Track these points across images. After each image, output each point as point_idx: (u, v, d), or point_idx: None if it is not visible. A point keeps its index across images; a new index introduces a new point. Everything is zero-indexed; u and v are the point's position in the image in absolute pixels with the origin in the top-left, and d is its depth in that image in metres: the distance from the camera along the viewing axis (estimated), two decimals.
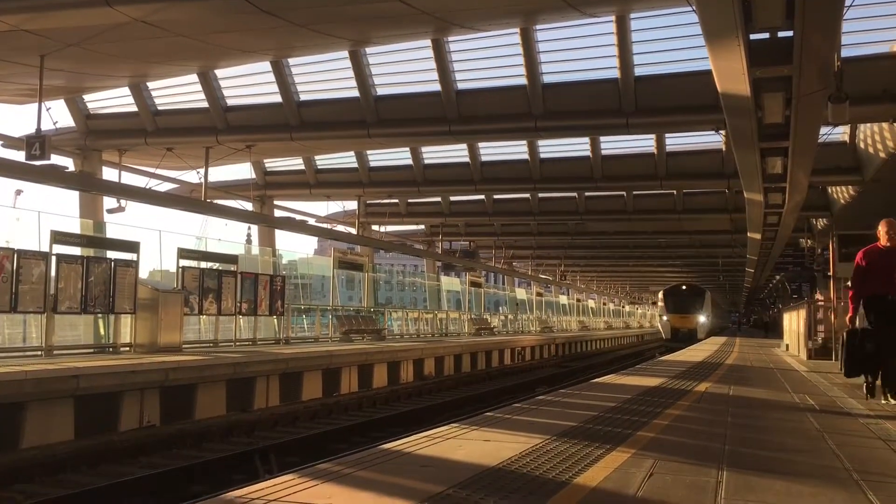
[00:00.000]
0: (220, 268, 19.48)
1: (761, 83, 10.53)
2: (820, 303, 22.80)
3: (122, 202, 20.20)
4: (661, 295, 54.26)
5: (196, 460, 10.46)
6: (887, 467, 5.72)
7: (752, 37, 9.20)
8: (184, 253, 18.37)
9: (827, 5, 8.26)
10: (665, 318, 51.56)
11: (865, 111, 15.65)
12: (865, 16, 15.67)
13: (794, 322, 26.15)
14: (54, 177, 17.08)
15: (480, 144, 25.39)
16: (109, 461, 10.56)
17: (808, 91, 10.52)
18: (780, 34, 9.32)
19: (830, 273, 22.57)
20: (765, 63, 9.79)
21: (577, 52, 19.19)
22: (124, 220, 20.15)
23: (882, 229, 9.09)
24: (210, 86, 20.66)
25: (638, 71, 18.15)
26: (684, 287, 52.96)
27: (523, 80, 18.76)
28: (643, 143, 24.27)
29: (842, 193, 25.57)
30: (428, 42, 18.40)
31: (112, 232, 18.77)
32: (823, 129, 15.09)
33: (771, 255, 33.75)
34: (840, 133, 21.11)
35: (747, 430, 7.39)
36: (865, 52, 16.40)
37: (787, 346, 26.67)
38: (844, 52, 12.88)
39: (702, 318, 50.51)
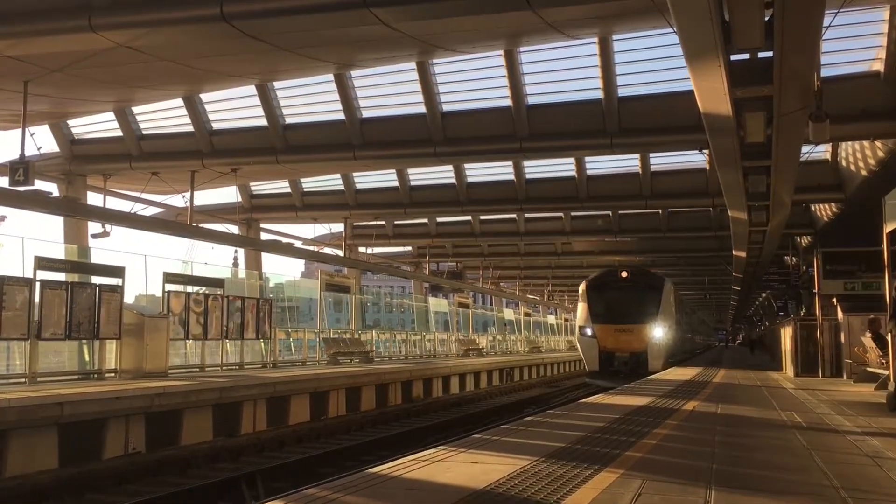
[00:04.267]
0: (207, 292, 19.36)
1: (742, 103, 10.64)
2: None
3: (107, 227, 20.09)
4: (582, 290, 28.37)
5: (182, 487, 10.34)
6: (875, 484, 5.72)
7: (733, 57, 9.31)
8: (169, 277, 18.25)
9: (805, 26, 8.37)
10: (589, 331, 27.06)
11: (846, 130, 15.80)
12: (844, 36, 15.89)
13: (782, 339, 26.08)
14: (38, 202, 17.00)
15: (466, 166, 25.49)
16: (94, 490, 10.43)
17: (789, 110, 10.64)
18: (760, 55, 9.45)
19: (816, 290, 22.70)
20: (745, 83, 9.91)
21: (561, 73, 19.38)
22: (109, 245, 20.07)
23: None
24: (195, 110, 20.66)
25: (621, 92, 18.32)
26: (624, 274, 28.07)
27: (508, 102, 18.88)
28: (628, 162, 24.43)
29: (825, 211, 25.78)
30: (413, 64, 18.51)
31: (97, 257, 18.66)
32: (805, 148, 15.22)
33: (756, 273, 33.94)
34: (822, 151, 21.32)
35: (735, 448, 7.39)
36: (845, 71, 16.61)
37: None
38: (824, 72, 13.07)
39: (656, 332, 26.42)
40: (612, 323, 26.75)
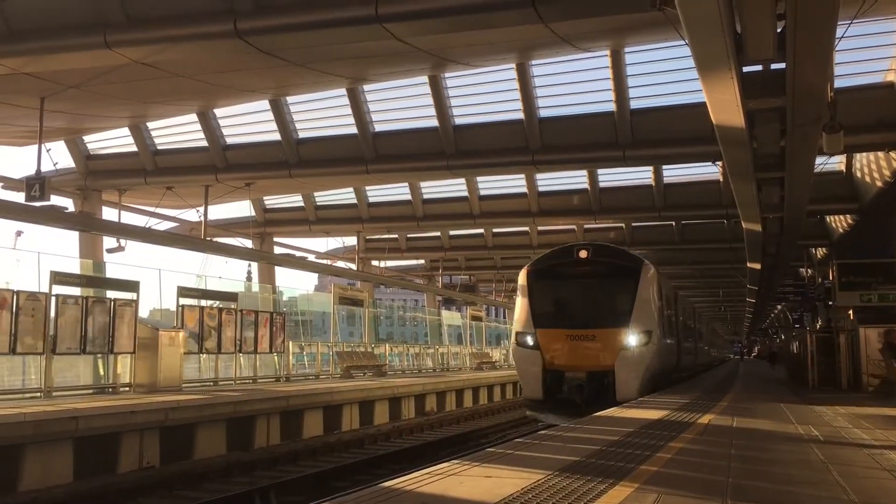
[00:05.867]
0: (221, 305, 19.44)
1: (755, 114, 10.60)
2: None
3: (122, 242, 20.23)
4: (522, 280, 17.86)
5: (196, 501, 10.35)
6: (893, 499, 5.65)
7: (745, 69, 9.28)
8: (183, 291, 18.35)
9: (818, 37, 8.34)
10: (529, 339, 16.92)
11: (860, 141, 15.72)
12: (858, 46, 15.82)
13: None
14: (54, 217, 17.16)
15: (479, 178, 25.50)
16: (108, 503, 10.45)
17: (802, 122, 10.58)
18: (773, 66, 9.41)
19: (832, 302, 22.52)
20: (758, 95, 9.87)
21: (573, 86, 19.38)
22: (124, 260, 20.22)
23: None
24: (209, 125, 20.80)
25: (633, 104, 18.30)
26: (583, 254, 17.36)
27: (520, 115, 18.90)
28: (641, 174, 24.36)
29: (840, 222, 25.61)
30: (425, 78, 18.58)
31: (112, 271, 18.80)
32: (820, 159, 15.15)
33: (772, 285, 33.70)
34: (837, 162, 21.20)
35: (751, 462, 7.32)
36: (859, 82, 16.54)
37: None
38: (837, 83, 13.01)
39: (630, 340, 16.39)
40: (564, 327, 17.18)
